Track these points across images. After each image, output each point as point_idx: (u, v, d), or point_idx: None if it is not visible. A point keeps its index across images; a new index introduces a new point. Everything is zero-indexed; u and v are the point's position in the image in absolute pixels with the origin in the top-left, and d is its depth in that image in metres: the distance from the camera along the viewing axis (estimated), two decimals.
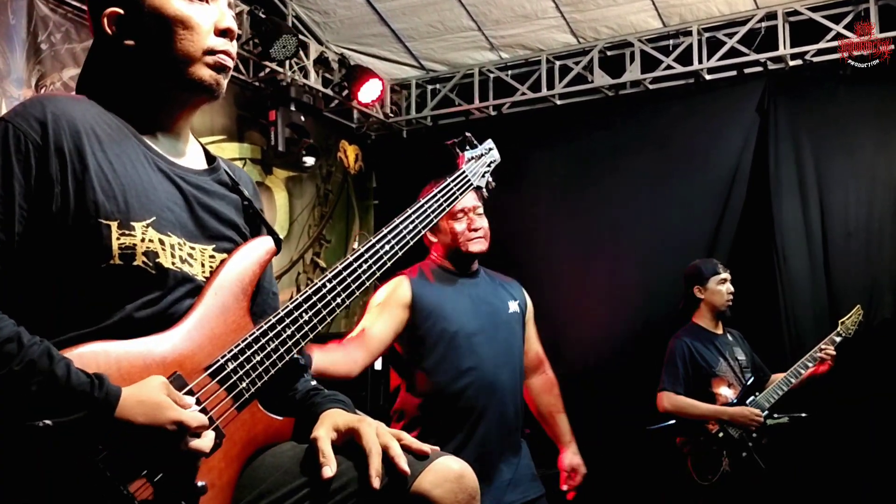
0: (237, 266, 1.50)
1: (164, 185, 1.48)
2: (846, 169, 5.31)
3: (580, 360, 5.61)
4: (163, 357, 1.34)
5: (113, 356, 1.29)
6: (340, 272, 1.58)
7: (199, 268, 1.48)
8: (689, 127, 5.84)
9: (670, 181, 5.79)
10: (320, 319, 1.53)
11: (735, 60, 5.70)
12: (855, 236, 5.22)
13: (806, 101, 5.49)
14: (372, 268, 1.63)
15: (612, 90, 6.16)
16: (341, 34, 6.23)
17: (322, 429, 1.46)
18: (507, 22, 5.97)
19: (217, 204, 1.56)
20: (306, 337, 1.50)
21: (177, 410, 1.25)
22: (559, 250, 6.00)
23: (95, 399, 1.19)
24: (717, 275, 4.46)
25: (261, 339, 1.44)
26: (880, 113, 5.24)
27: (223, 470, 1.37)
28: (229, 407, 1.39)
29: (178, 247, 1.45)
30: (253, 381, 1.42)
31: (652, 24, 5.89)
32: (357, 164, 6.88)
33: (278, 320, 1.47)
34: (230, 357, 1.40)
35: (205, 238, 1.51)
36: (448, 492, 1.43)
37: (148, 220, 1.41)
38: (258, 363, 1.42)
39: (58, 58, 4.52)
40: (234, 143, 5.79)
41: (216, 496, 1.35)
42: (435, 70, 6.67)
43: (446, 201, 1.86)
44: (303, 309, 1.51)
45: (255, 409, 1.45)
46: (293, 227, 6.18)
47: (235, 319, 1.45)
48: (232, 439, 1.39)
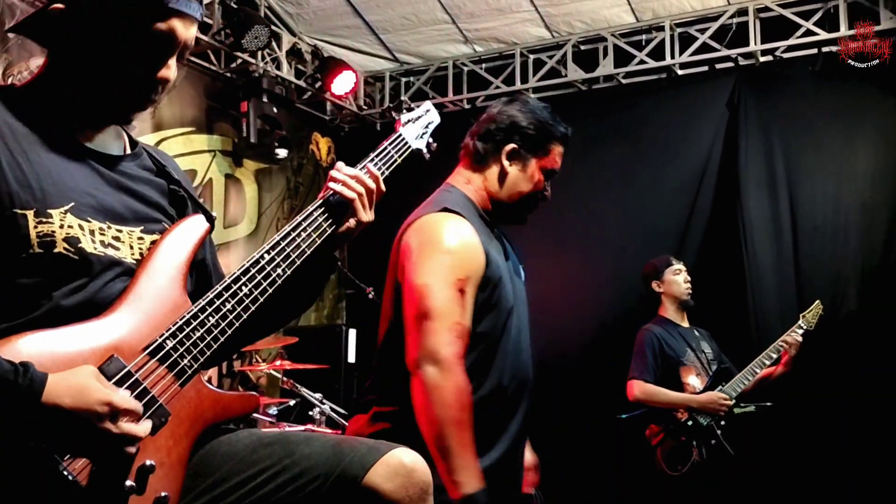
0: (170, 247, 1.48)
1: (81, 171, 1.45)
2: (814, 163, 5.39)
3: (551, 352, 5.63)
4: (97, 342, 1.32)
5: (45, 346, 1.28)
6: (279, 242, 1.57)
7: (128, 250, 1.46)
8: (660, 121, 5.89)
9: (641, 175, 5.84)
10: (261, 291, 1.51)
11: (707, 56, 5.75)
12: (822, 230, 5.29)
13: (775, 96, 5.56)
14: (311, 236, 1.62)
15: (585, 84, 6.19)
16: (314, 25, 6.20)
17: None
18: (482, 15, 5.97)
19: (141, 187, 1.54)
20: (248, 310, 1.48)
21: (104, 391, 1.23)
22: (530, 242, 5.99)
23: (19, 385, 1.17)
24: (671, 266, 4.59)
25: (199, 315, 1.42)
26: (847, 108, 5.31)
27: (171, 448, 1.36)
28: (172, 384, 1.37)
29: (100, 231, 1.42)
30: (195, 357, 1.40)
31: (625, 19, 5.92)
32: (329, 157, 6.85)
33: (216, 295, 1.46)
34: (168, 336, 1.38)
35: (132, 221, 1.49)
36: (399, 486, 1.44)
37: (66, 206, 1.38)
38: (199, 339, 1.41)
39: (25, 46, 4.45)
40: (204, 135, 5.74)
41: (167, 474, 1.34)
42: (409, 63, 6.66)
43: (385, 164, 1.84)
44: (241, 282, 1.49)
45: (199, 385, 1.43)
46: (261, 219, 6.15)
47: (172, 298, 1.44)
48: (178, 416, 1.38)
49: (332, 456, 1.47)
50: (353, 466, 1.45)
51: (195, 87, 5.67)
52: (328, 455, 1.47)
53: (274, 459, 1.47)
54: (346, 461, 1.45)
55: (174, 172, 1.63)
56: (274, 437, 1.54)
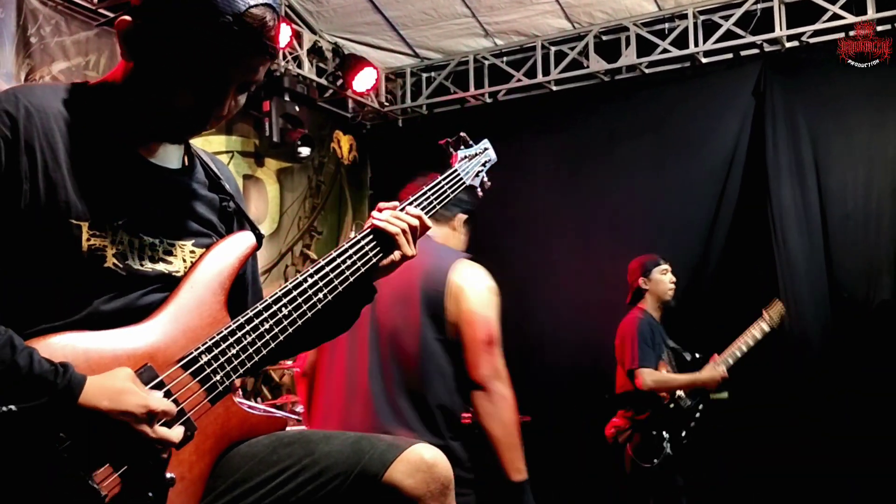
0: (215, 260, 1.48)
1: (139, 184, 1.44)
2: (843, 150, 5.29)
3: (580, 349, 5.61)
4: (133, 349, 1.32)
5: (81, 347, 1.28)
6: (323, 268, 1.56)
7: (181, 263, 1.47)
8: (685, 111, 5.81)
9: (667, 166, 5.77)
10: (300, 314, 1.50)
11: (731, 43, 5.66)
12: (853, 218, 5.20)
13: (802, 82, 5.46)
14: (356, 264, 1.60)
15: (607, 75, 6.12)
16: (334, 23, 6.19)
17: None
18: (501, 8, 5.93)
19: (194, 203, 1.54)
20: (285, 331, 1.48)
21: (142, 395, 1.23)
22: (556, 236, 5.98)
23: (56, 385, 1.17)
24: (659, 265, 4.70)
25: (237, 332, 1.42)
26: (876, 93, 5.20)
27: (194, 463, 1.35)
28: (202, 399, 1.36)
29: (150, 247, 1.43)
30: (227, 374, 1.39)
31: (647, 8, 5.85)
32: (351, 155, 6.84)
33: (256, 314, 1.45)
34: (204, 350, 1.38)
35: (184, 235, 1.49)
36: (420, 482, 1.44)
37: (120, 220, 1.39)
38: (233, 356, 1.40)
39: (47, 51, 4.48)
40: (222, 136, 5.76)
41: (186, 489, 1.33)
42: (429, 58, 6.63)
43: (438, 199, 1.83)
44: (282, 303, 1.48)
45: (229, 403, 1.43)
46: (283, 218, 6.15)
47: (211, 313, 1.43)
48: (204, 433, 1.37)
49: (351, 454, 1.47)
50: (373, 463, 1.44)
51: None
52: (348, 453, 1.47)
53: (294, 459, 1.47)
54: (366, 458, 1.45)
55: (227, 184, 1.63)
56: (294, 436, 1.54)
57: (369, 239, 1.64)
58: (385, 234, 1.65)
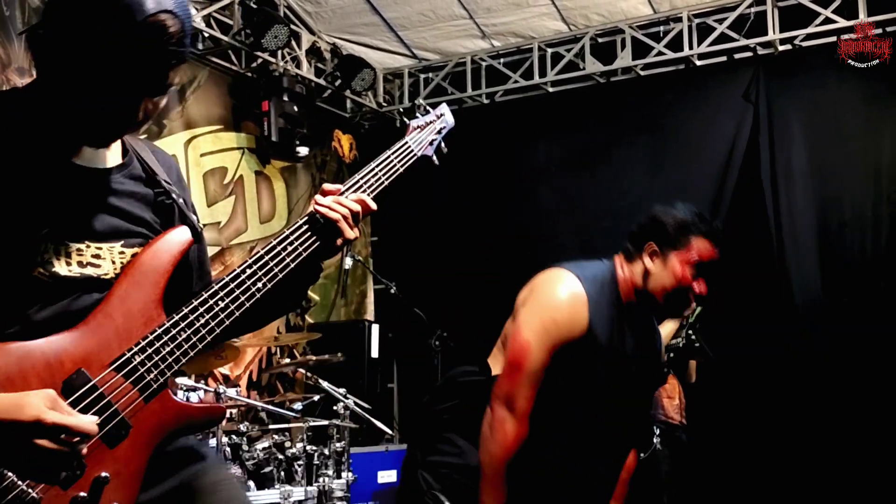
0: (147, 260, 1.49)
1: (64, 190, 1.43)
2: (838, 154, 5.32)
3: None
4: (67, 354, 1.34)
5: (13, 356, 1.30)
6: (262, 256, 1.57)
7: (110, 265, 1.47)
8: (681, 113, 5.86)
9: (663, 168, 5.82)
10: (238, 305, 1.51)
11: (725, 46, 5.73)
12: (849, 225, 5.21)
13: (795, 85, 5.51)
14: (297, 250, 1.61)
15: (603, 77, 6.19)
16: (333, 24, 6.24)
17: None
18: (498, 10, 5.99)
19: (123, 202, 1.52)
20: (222, 324, 1.49)
21: (37, 408, 1.23)
22: (553, 237, 6.03)
23: None
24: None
25: (171, 329, 1.44)
26: (869, 97, 5.25)
27: (130, 459, 1.39)
28: (136, 399, 1.39)
29: (77, 252, 1.43)
30: (162, 371, 1.42)
31: (642, 11, 5.91)
32: (352, 153, 6.90)
33: (191, 310, 1.47)
34: (137, 350, 1.40)
35: (111, 237, 1.48)
36: None
37: (45, 228, 1.39)
38: (168, 354, 1.43)
39: None
40: (231, 133, 5.84)
41: (123, 484, 1.37)
42: (427, 59, 6.68)
43: (386, 175, 1.78)
44: (218, 297, 1.50)
45: (165, 398, 1.45)
46: (291, 216, 6.23)
47: (145, 313, 1.44)
48: (140, 429, 1.40)
49: None
50: None
51: (219, 86, 5.76)
52: None
53: None
54: None
55: (165, 177, 1.61)
56: None
57: (310, 225, 1.63)
58: (327, 219, 1.63)
